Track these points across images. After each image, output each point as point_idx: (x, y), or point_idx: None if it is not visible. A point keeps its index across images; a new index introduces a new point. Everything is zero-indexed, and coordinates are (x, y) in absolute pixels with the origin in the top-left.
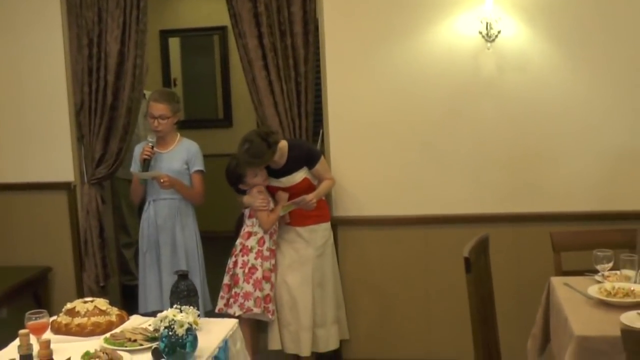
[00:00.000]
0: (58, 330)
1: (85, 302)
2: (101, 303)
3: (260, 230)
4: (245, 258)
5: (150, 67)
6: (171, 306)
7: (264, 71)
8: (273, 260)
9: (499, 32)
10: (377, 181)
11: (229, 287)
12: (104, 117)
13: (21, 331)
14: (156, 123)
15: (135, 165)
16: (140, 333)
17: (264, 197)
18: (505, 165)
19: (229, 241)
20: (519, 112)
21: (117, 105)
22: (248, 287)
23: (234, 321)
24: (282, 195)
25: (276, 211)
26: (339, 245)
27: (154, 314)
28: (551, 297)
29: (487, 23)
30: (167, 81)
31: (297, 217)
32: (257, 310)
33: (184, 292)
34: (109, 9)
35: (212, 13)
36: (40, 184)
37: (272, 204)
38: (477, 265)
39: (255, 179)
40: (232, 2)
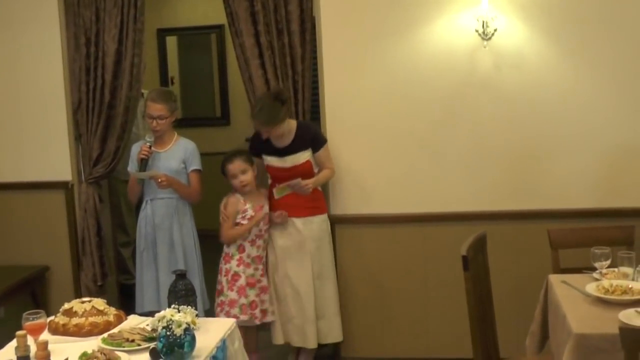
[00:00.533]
0: (55, 330)
1: (82, 302)
2: (99, 303)
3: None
4: (228, 265)
5: (147, 66)
6: (169, 306)
7: (260, 70)
8: (260, 266)
9: (495, 30)
10: (374, 179)
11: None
12: (102, 116)
13: (18, 332)
14: (155, 123)
15: (132, 165)
16: (138, 333)
17: (230, 210)
18: (503, 163)
19: None
20: (515, 109)
21: (114, 104)
22: (232, 295)
23: (232, 320)
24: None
25: (242, 228)
26: (337, 243)
27: (152, 314)
28: (549, 295)
29: (483, 21)
30: (164, 80)
31: (292, 208)
32: (243, 317)
33: (182, 292)
34: (107, 8)
35: (209, 12)
36: (38, 183)
37: (266, 205)
38: (475, 263)
39: (243, 176)
40: (229, 1)
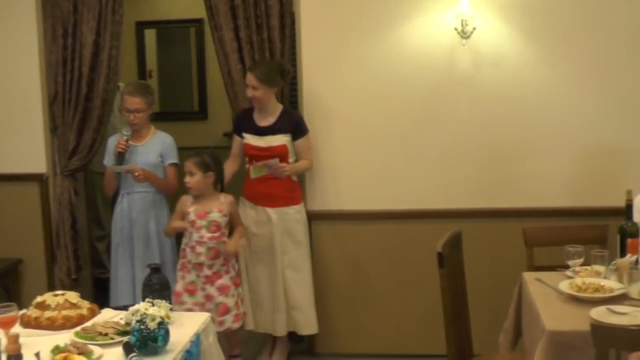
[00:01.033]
0: (28, 324)
1: (55, 295)
2: (72, 296)
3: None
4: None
5: (125, 59)
6: (143, 299)
7: (239, 64)
8: (202, 274)
9: (474, 28)
10: (351, 175)
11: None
12: (78, 108)
13: None
14: (132, 117)
15: (109, 158)
16: (112, 327)
17: (177, 206)
18: (480, 161)
19: None
20: (493, 108)
21: (91, 97)
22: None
23: (206, 315)
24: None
25: (170, 225)
26: (314, 238)
27: (126, 308)
28: (523, 292)
29: (462, 20)
30: (142, 73)
31: (268, 198)
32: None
33: (157, 286)
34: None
35: (189, 5)
36: (12, 175)
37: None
38: (451, 260)
39: (188, 177)
40: None
